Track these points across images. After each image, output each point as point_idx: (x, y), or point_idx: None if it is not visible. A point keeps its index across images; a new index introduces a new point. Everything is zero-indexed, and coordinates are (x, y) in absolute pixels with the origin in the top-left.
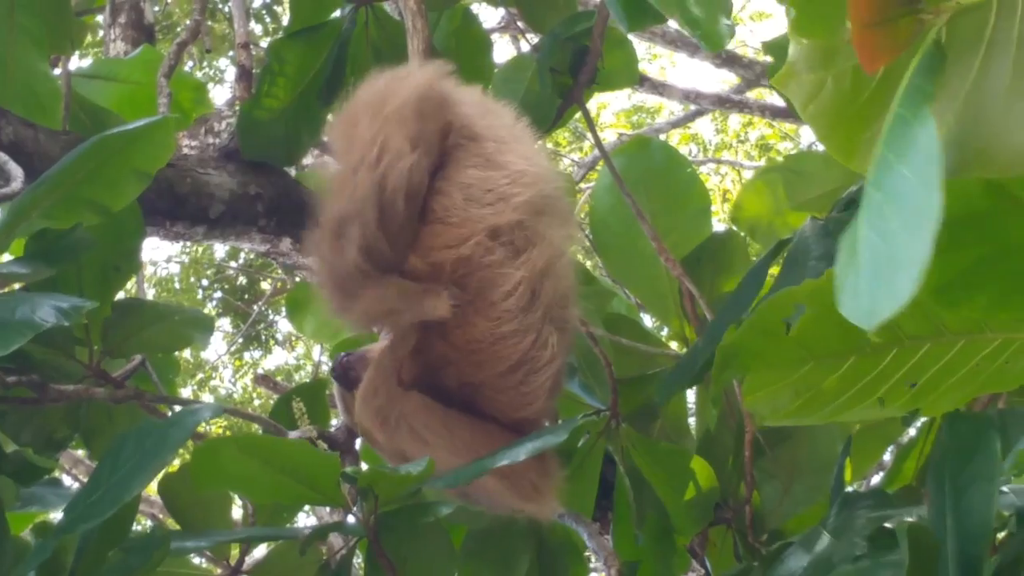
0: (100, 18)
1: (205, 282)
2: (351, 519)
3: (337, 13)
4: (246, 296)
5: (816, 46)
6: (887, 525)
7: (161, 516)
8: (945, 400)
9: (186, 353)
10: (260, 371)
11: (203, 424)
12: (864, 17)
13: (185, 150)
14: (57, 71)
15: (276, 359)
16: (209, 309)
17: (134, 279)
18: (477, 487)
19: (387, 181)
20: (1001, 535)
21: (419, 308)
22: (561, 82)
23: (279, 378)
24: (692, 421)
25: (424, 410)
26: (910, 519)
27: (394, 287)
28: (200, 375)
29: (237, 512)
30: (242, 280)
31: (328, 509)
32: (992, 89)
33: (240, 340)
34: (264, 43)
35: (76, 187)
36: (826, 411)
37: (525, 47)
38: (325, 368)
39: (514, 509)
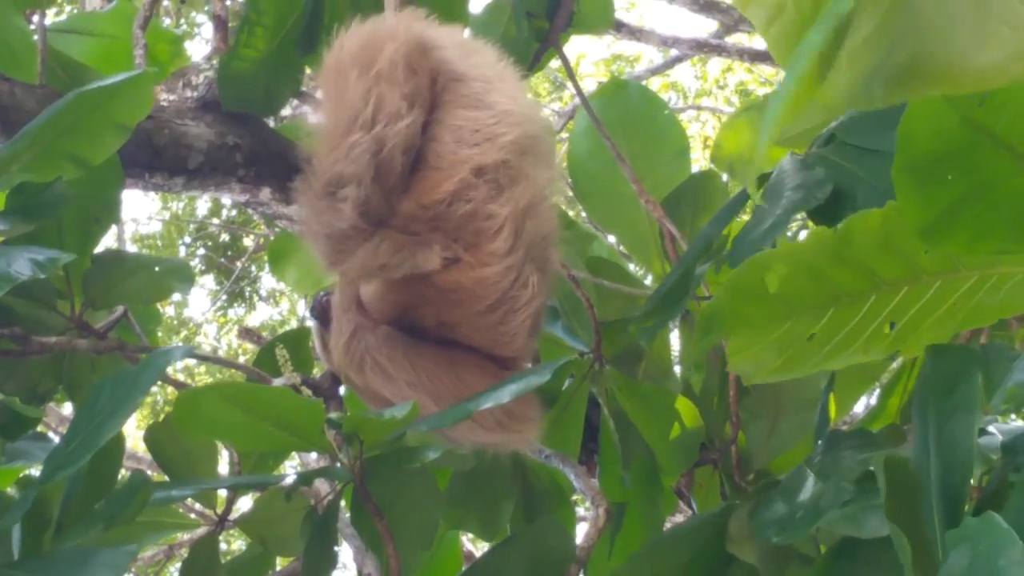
0: None
1: (188, 239)
2: (337, 465)
3: None
4: (229, 253)
5: None
6: (873, 468)
7: (150, 472)
8: (925, 340)
9: (170, 310)
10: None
11: (188, 379)
12: None
13: (163, 103)
14: (33, 25)
15: (260, 315)
16: (192, 266)
17: (116, 237)
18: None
19: (385, 141)
20: (987, 479)
21: (412, 261)
22: (537, 26)
23: (264, 333)
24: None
25: (387, 344)
26: None
27: (388, 241)
28: (184, 332)
29: (225, 467)
30: (224, 237)
31: (314, 456)
32: (952, 10)
33: (224, 297)
34: None
35: (56, 141)
36: (810, 364)
37: None
38: (310, 324)
39: (488, 444)
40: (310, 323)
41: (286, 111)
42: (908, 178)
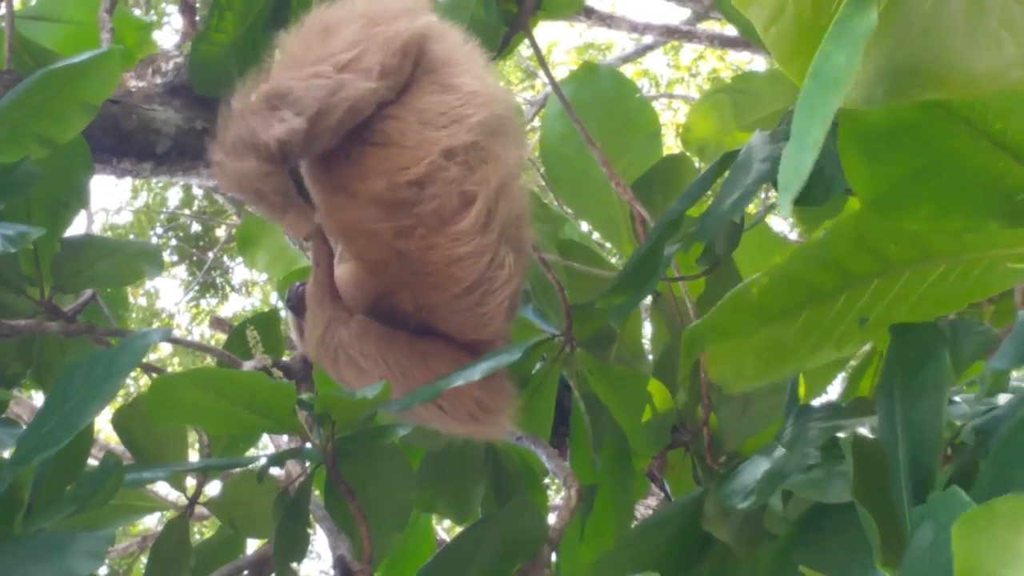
0: None
1: (159, 229)
2: (308, 446)
3: None
4: (201, 243)
5: None
6: (840, 435)
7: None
8: None
9: (142, 301)
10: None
11: (161, 364)
12: None
13: (132, 90)
14: (0, 11)
15: (233, 305)
16: (164, 257)
17: (86, 226)
18: (421, 414)
19: (343, 87)
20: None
21: (284, 217)
22: (506, 9)
23: (236, 323)
24: None
25: (360, 338)
26: (862, 430)
27: (277, 183)
28: (157, 323)
29: (195, 456)
30: (196, 227)
31: (286, 438)
32: (950, 14)
33: (196, 287)
34: None
35: (22, 121)
36: (788, 366)
37: None
38: (283, 315)
39: (462, 434)
40: (284, 312)
41: None
42: (856, 150)
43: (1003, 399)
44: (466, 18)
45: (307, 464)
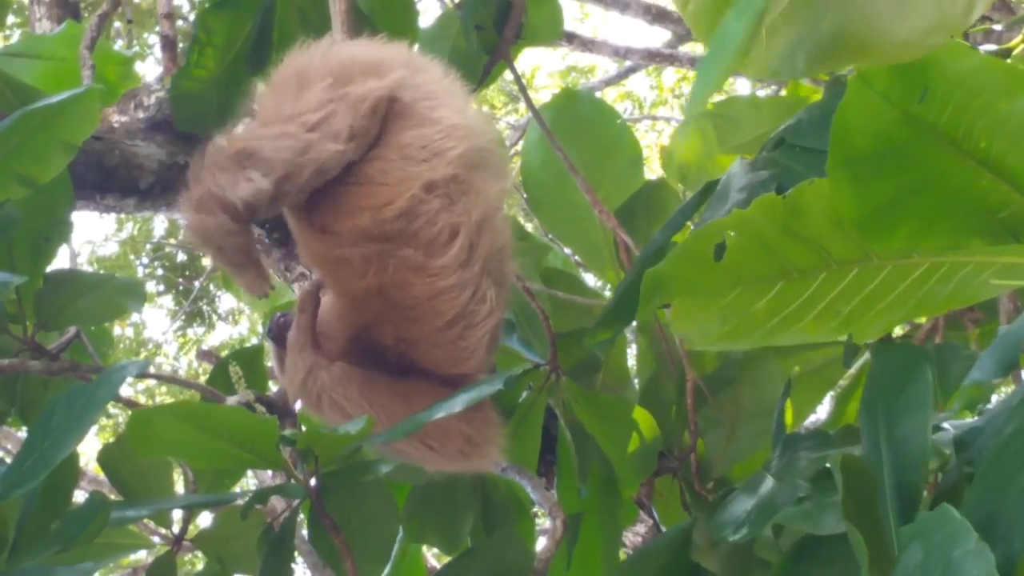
0: None
1: (145, 260)
2: (292, 482)
3: None
4: (187, 273)
5: None
6: (828, 466)
7: (107, 493)
8: (875, 325)
9: (129, 331)
10: (204, 347)
11: (149, 400)
12: None
13: (114, 124)
14: None
15: (220, 334)
16: (150, 287)
17: (70, 259)
18: (411, 454)
19: (309, 150)
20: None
21: (242, 276)
22: (487, 39)
23: (224, 353)
24: None
25: (342, 382)
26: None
27: (239, 242)
28: (144, 353)
29: (181, 488)
30: (182, 257)
31: (270, 473)
32: None
33: (183, 317)
34: (191, 17)
35: (2, 162)
36: (755, 336)
37: (451, 5)
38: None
39: (454, 471)
40: (266, 334)
41: (239, 128)
42: (842, 173)
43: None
44: (447, 48)
45: (291, 499)
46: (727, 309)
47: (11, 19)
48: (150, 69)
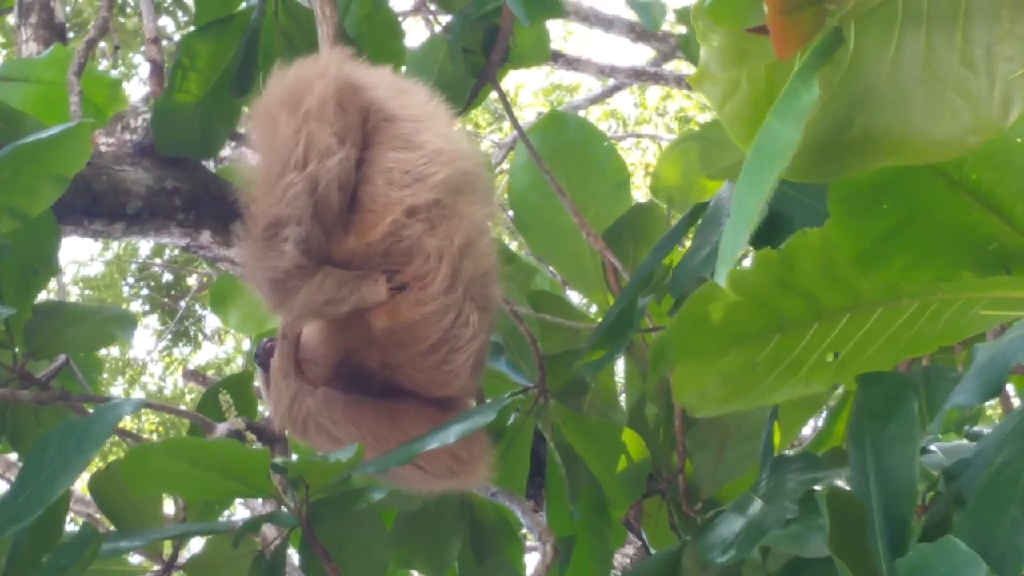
0: (11, 19)
1: (131, 280)
2: (283, 509)
3: (245, 3)
4: (172, 292)
5: (728, 46)
6: (817, 488)
7: (98, 515)
8: (867, 369)
9: (114, 351)
10: (190, 367)
11: (133, 421)
12: (777, 3)
13: (102, 147)
14: None
15: (206, 354)
16: (136, 307)
17: (55, 280)
18: (399, 476)
19: (319, 178)
20: (931, 494)
21: (357, 295)
22: (474, 62)
23: (210, 372)
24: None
25: (327, 406)
26: (839, 481)
27: (331, 277)
28: (129, 373)
29: (170, 508)
30: (168, 276)
31: (261, 500)
32: (906, 83)
33: (169, 337)
34: (177, 37)
35: None
36: (754, 394)
37: (438, 29)
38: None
39: (443, 490)
40: (253, 360)
41: (225, 152)
42: (842, 209)
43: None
44: (434, 72)
45: (282, 527)
46: (726, 370)
47: None
48: (135, 89)
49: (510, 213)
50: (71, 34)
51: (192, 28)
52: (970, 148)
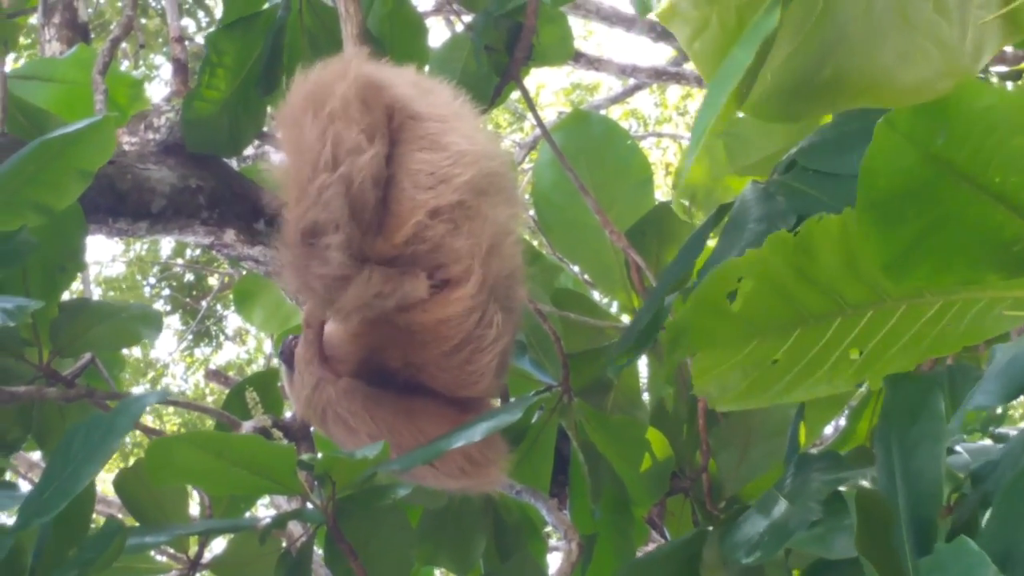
0: (34, 19)
1: (152, 280)
2: (309, 506)
3: (271, 1)
4: (194, 292)
5: None
6: (841, 489)
7: (120, 515)
8: (890, 368)
9: (136, 352)
10: (212, 367)
11: (157, 420)
12: None
13: (125, 146)
14: None
15: (227, 354)
16: (157, 307)
17: (80, 280)
18: (411, 472)
19: (352, 177)
20: (955, 495)
21: (401, 291)
22: (497, 60)
23: (231, 372)
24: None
25: (348, 396)
26: (864, 481)
27: (375, 274)
28: (152, 373)
29: (195, 508)
30: (189, 277)
31: (286, 498)
32: (879, 27)
33: (190, 337)
34: (199, 38)
35: (19, 189)
36: (775, 389)
37: (460, 28)
38: (277, 363)
39: (454, 489)
40: (277, 363)
41: (249, 151)
42: (870, 216)
43: (999, 446)
44: (457, 70)
45: (308, 524)
46: (746, 362)
47: (20, 39)
48: (156, 90)
49: (532, 212)
50: (94, 34)
51: (218, 26)
52: (939, 93)
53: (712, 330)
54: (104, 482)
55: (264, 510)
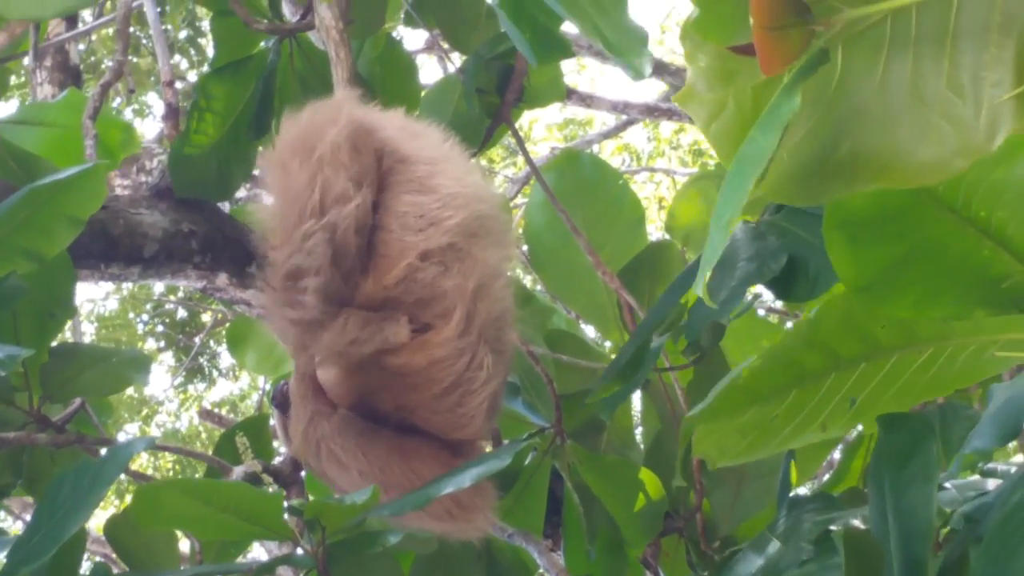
0: (26, 61)
1: (145, 317)
2: (300, 551)
3: (262, 45)
4: (187, 329)
5: (715, 66)
6: (832, 528)
7: (115, 556)
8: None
9: (130, 390)
10: (205, 405)
11: (149, 460)
12: (763, 20)
13: (118, 189)
14: None
15: (221, 390)
16: (150, 344)
17: (70, 321)
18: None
19: (337, 225)
20: (945, 530)
21: (380, 336)
22: (489, 102)
23: (224, 409)
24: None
25: (342, 432)
26: (856, 521)
27: (353, 318)
28: (145, 411)
29: (186, 550)
30: (182, 313)
31: (277, 543)
32: (893, 106)
33: (183, 374)
34: (191, 76)
35: (9, 236)
36: (772, 444)
37: (451, 68)
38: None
39: (440, 532)
40: (270, 402)
41: (240, 193)
42: (840, 236)
43: (992, 484)
44: (449, 113)
45: (299, 570)
46: (745, 425)
47: (12, 79)
48: (148, 128)
49: (525, 248)
50: (85, 75)
51: (208, 69)
52: (955, 172)
53: (713, 405)
54: (98, 517)
55: (259, 549)
